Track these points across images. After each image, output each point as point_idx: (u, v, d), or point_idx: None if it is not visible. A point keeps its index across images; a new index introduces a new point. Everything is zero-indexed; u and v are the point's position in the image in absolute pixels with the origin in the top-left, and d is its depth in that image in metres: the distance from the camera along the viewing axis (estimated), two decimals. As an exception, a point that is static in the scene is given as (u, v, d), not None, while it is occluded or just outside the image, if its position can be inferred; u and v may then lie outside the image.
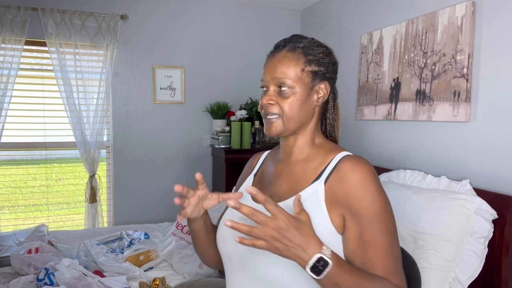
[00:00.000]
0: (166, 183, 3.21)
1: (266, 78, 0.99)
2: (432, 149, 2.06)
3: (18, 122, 2.87)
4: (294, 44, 0.98)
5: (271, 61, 0.99)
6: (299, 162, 1.01)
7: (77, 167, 3.09)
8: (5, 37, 2.65)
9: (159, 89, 3.15)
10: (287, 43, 0.99)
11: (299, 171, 1.00)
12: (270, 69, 0.98)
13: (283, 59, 0.97)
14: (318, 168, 0.97)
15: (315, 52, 0.98)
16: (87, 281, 1.64)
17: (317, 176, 0.95)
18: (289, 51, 0.98)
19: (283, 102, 0.96)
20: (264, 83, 1.00)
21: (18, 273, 1.87)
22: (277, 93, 0.97)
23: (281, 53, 0.98)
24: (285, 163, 1.04)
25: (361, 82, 2.57)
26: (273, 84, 0.97)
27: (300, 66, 0.96)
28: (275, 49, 1.01)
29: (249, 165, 1.21)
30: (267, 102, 0.97)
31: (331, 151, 0.99)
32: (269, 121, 0.98)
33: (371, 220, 0.87)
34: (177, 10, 3.15)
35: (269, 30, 3.39)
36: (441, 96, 1.95)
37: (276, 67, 0.97)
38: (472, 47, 1.81)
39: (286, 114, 0.96)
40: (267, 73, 0.99)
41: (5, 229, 2.90)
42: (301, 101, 0.97)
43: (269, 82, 0.98)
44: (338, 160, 0.94)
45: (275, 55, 0.99)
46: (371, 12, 2.54)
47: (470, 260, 1.48)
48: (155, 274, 1.94)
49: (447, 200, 1.60)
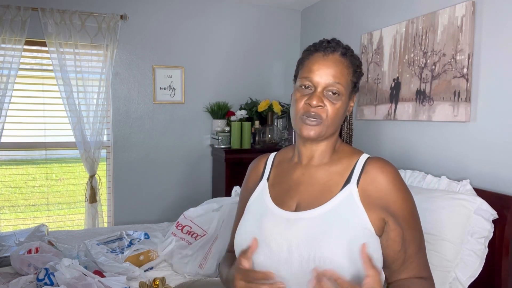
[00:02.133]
0: (166, 183, 3.20)
1: (316, 79, 0.94)
2: (432, 149, 2.06)
3: (18, 122, 2.87)
4: (343, 50, 0.96)
5: (324, 62, 0.94)
6: (322, 166, 0.99)
7: (77, 167, 3.09)
8: (5, 37, 2.65)
9: (159, 89, 3.15)
10: (337, 47, 0.96)
11: (324, 176, 0.97)
12: (324, 70, 0.93)
13: (338, 64, 0.94)
14: (344, 171, 0.96)
15: (357, 63, 0.99)
16: (87, 281, 1.64)
17: (346, 179, 0.94)
18: (342, 57, 0.95)
19: (331, 107, 0.93)
20: (310, 83, 0.94)
21: (18, 273, 1.87)
22: (324, 96, 0.93)
23: (335, 57, 0.95)
24: (306, 167, 1.01)
25: (361, 82, 2.57)
26: (324, 86, 0.93)
27: (350, 75, 0.96)
28: (325, 50, 0.96)
29: (255, 170, 1.13)
30: (318, 104, 0.92)
31: (353, 154, 0.99)
32: (310, 123, 0.93)
33: (408, 219, 0.91)
34: (177, 10, 3.15)
35: (269, 30, 3.39)
36: (441, 96, 1.95)
37: (331, 70, 0.93)
38: (472, 47, 1.81)
39: (330, 119, 0.94)
40: (318, 74, 0.93)
41: (5, 229, 2.90)
42: (343, 109, 0.96)
43: (319, 84, 0.93)
44: (364, 162, 0.95)
45: (329, 57, 0.95)
46: (371, 12, 2.54)
47: (470, 260, 1.48)
48: (155, 274, 1.94)
49: (447, 200, 1.60)
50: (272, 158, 1.13)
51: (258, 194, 1.05)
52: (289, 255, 0.88)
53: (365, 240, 0.86)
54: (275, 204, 0.98)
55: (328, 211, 0.90)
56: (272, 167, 1.10)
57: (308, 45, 1.03)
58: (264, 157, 1.15)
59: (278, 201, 0.99)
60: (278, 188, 1.03)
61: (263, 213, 0.98)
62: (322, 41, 0.98)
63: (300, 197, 0.97)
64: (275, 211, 0.96)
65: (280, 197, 0.99)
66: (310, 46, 1.00)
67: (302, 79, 0.95)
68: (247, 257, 0.89)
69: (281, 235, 0.91)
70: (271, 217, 0.96)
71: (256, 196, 1.05)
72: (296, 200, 0.97)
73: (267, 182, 1.06)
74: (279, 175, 1.06)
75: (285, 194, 0.99)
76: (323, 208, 0.91)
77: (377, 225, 0.90)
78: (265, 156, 1.15)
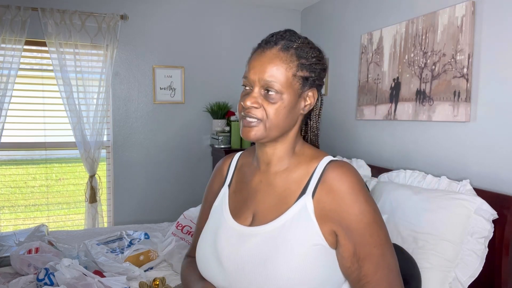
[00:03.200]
0: (166, 183, 3.20)
1: (251, 78, 0.87)
2: (432, 149, 2.06)
3: (18, 122, 2.87)
4: (287, 42, 0.87)
5: (259, 59, 0.87)
6: (280, 173, 0.92)
7: (77, 167, 3.09)
8: (5, 37, 2.65)
9: (159, 89, 3.15)
10: (279, 40, 0.88)
11: (281, 184, 0.91)
12: (258, 68, 0.86)
13: (274, 59, 0.86)
14: (302, 179, 0.89)
15: (309, 55, 0.88)
16: (87, 281, 1.64)
17: (302, 189, 0.88)
18: (282, 51, 0.86)
19: (268, 107, 0.86)
20: (248, 82, 0.88)
21: (18, 273, 1.87)
22: (262, 96, 0.86)
23: (273, 52, 0.86)
24: (263, 174, 0.95)
25: (361, 82, 2.57)
26: (260, 85, 0.86)
27: (292, 71, 0.86)
28: (265, 45, 0.88)
29: (219, 172, 1.08)
30: (252, 105, 0.86)
31: (313, 158, 0.91)
32: (249, 124, 0.87)
33: (363, 233, 0.82)
34: (177, 10, 3.15)
35: (269, 30, 3.33)
36: (441, 96, 1.95)
37: (265, 67, 0.85)
38: (472, 47, 1.81)
39: (270, 120, 0.86)
40: (253, 72, 0.87)
41: (5, 229, 2.90)
42: (288, 108, 0.87)
43: (254, 83, 0.87)
44: (323, 169, 0.87)
45: (265, 52, 0.87)
46: (371, 12, 2.54)
47: (470, 260, 1.48)
48: (155, 274, 1.94)
49: (447, 200, 1.60)
50: (236, 159, 1.07)
51: (219, 202, 1.01)
52: (240, 273, 0.85)
53: (317, 257, 0.82)
54: (232, 216, 0.94)
55: (280, 227, 0.85)
56: (235, 170, 1.05)
57: None
58: (229, 157, 1.09)
59: (235, 212, 0.95)
60: (238, 196, 0.98)
61: (220, 225, 0.95)
62: (269, 35, 0.91)
63: (256, 207, 0.92)
64: (231, 224, 0.93)
65: (237, 208, 0.95)
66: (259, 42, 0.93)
67: (243, 79, 0.90)
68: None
69: (233, 251, 0.88)
70: (225, 230, 0.93)
71: (218, 203, 1.01)
72: (252, 211, 0.92)
73: (228, 189, 1.02)
74: (240, 180, 1.01)
75: (243, 204, 0.95)
76: (276, 223, 0.86)
77: (330, 239, 0.84)
78: (230, 157, 1.09)
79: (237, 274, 0.86)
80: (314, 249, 0.83)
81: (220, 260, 0.90)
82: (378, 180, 2.06)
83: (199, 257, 0.96)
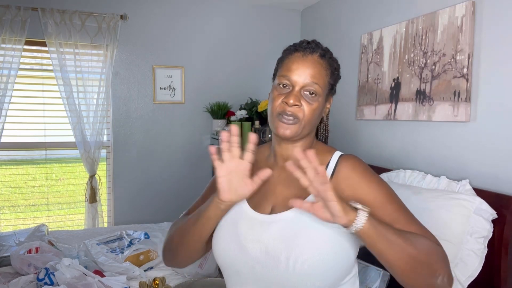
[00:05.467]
0: (166, 183, 3.21)
1: (295, 78, 0.94)
2: (432, 149, 2.06)
3: (18, 122, 2.87)
4: (322, 51, 0.97)
5: (303, 62, 0.95)
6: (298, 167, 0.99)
7: (77, 167, 3.09)
8: (5, 37, 2.65)
9: (159, 89, 3.16)
10: (315, 47, 0.97)
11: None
12: (302, 70, 0.94)
13: (317, 64, 0.95)
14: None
15: (336, 65, 0.99)
16: (87, 281, 1.64)
17: None
18: (321, 58, 0.96)
19: (308, 107, 0.94)
20: (289, 82, 0.95)
21: (18, 273, 1.87)
22: (301, 96, 0.94)
23: (314, 57, 0.95)
24: (282, 169, 1.01)
25: (361, 82, 2.57)
26: (301, 86, 0.94)
27: (328, 76, 0.97)
28: (305, 50, 0.96)
29: None
30: (295, 103, 0.93)
31: (326, 153, 1.00)
32: (287, 122, 0.94)
33: (385, 202, 0.91)
34: (177, 10, 3.16)
35: (269, 30, 3.39)
36: (441, 96, 1.95)
37: (310, 70, 0.94)
38: (472, 47, 1.81)
39: (306, 119, 0.94)
40: (297, 73, 0.94)
41: (5, 229, 2.90)
42: (320, 110, 0.97)
43: (297, 83, 0.94)
44: (336, 161, 0.97)
45: (308, 57, 0.95)
46: (371, 12, 2.55)
47: (470, 260, 1.48)
48: (155, 274, 1.94)
49: (446, 200, 1.60)
50: None
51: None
52: (264, 256, 0.90)
53: (335, 239, 0.88)
54: (251, 207, 0.99)
55: (300, 213, 0.91)
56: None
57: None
58: None
59: (254, 203, 0.99)
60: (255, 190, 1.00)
61: (239, 216, 0.99)
62: (302, 41, 0.98)
63: (276, 199, 0.98)
64: (250, 214, 0.97)
65: (256, 200, 1.00)
66: (290, 46, 1.00)
67: (281, 78, 0.96)
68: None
69: (256, 237, 0.93)
70: (246, 220, 0.97)
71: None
72: (272, 203, 0.98)
73: None
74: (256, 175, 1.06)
75: (262, 197, 1.00)
76: (296, 210, 0.92)
77: None
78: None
79: (262, 258, 0.90)
80: (332, 231, 0.89)
81: (243, 246, 0.93)
82: (378, 180, 2.06)
83: (219, 246, 0.99)
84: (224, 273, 1.01)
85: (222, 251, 0.98)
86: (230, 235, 0.97)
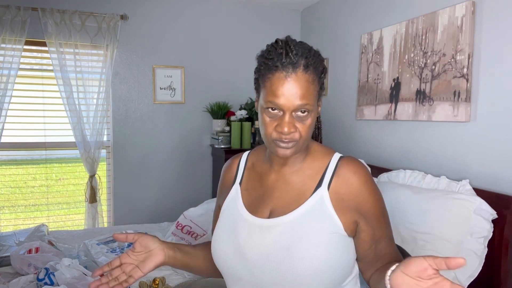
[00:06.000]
0: (166, 183, 3.21)
1: (283, 104, 0.85)
2: (432, 149, 2.06)
3: (18, 122, 2.87)
4: (305, 61, 0.86)
5: (288, 84, 0.85)
6: (295, 171, 0.97)
7: (77, 167, 3.09)
8: (5, 37, 2.65)
9: (159, 89, 3.16)
10: (297, 59, 0.85)
11: (298, 181, 0.96)
12: (289, 93, 0.85)
13: (302, 82, 0.85)
14: (317, 174, 0.95)
15: (321, 68, 0.90)
16: (87, 281, 1.64)
17: (318, 182, 0.93)
18: (305, 71, 0.86)
19: (303, 127, 0.88)
20: (277, 107, 0.86)
21: (18, 273, 1.87)
22: (294, 118, 0.87)
23: (298, 75, 0.85)
24: (279, 173, 0.98)
25: (361, 82, 2.57)
26: (292, 110, 0.86)
27: (316, 88, 0.88)
28: (286, 68, 0.85)
29: (228, 172, 1.10)
30: (290, 131, 0.86)
31: (325, 155, 0.98)
32: (286, 146, 0.88)
33: (379, 217, 0.93)
34: (177, 10, 3.15)
35: (269, 30, 3.39)
36: (441, 96, 1.95)
37: (297, 91, 0.85)
38: (472, 47, 1.81)
39: (304, 138, 0.89)
40: (284, 98, 0.85)
41: (5, 229, 2.90)
42: (314, 121, 0.90)
43: (286, 108, 0.85)
44: (336, 164, 0.95)
45: (291, 76, 0.85)
46: (371, 12, 2.55)
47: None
48: (155, 274, 1.94)
49: (446, 200, 1.60)
50: (244, 159, 1.09)
51: (231, 200, 1.03)
52: (264, 261, 0.89)
53: (335, 244, 0.89)
54: (249, 211, 0.97)
55: (300, 216, 0.91)
56: (244, 169, 1.06)
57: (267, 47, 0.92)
58: (236, 158, 1.11)
59: (251, 208, 0.98)
60: (252, 194, 1.01)
61: (237, 220, 0.98)
62: (280, 53, 0.86)
63: (274, 203, 0.96)
64: (248, 218, 0.96)
65: (253, 204, 0.98)
66: (268, 59, 0.88)
67: (267, 103, 0.87)
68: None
69: (255, 243, 0.92)
70: (245, 225, 0.96)
71: (229, 201, 1.03)
72: (270, 206, 0.96)
73: (239, 187, 1.03)
74: (253, 179, 1.03)
75: (259, 201, 0.98)
76: (294, 214, 0.91)
77: (350, 227, 0.91)
78: (238, 157, 1.10)
79: (262, 264, 0.90)
80: (331, 236, 0.89)
81: (243, 252, 0.93)
82: (378, 180, 2.06)
83: (217, 252, 0.99)
84: (224, 276, 1.01)
85: (221, 256, 0.97)
86: (228, 240, 0.96)
